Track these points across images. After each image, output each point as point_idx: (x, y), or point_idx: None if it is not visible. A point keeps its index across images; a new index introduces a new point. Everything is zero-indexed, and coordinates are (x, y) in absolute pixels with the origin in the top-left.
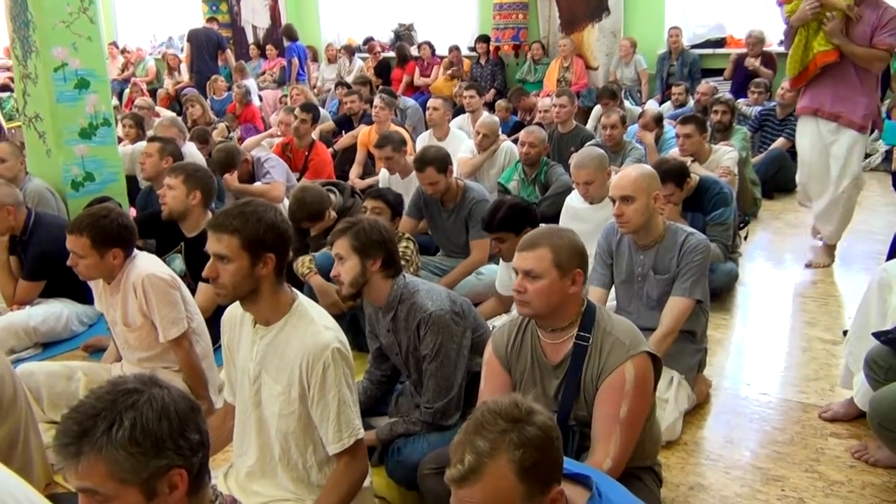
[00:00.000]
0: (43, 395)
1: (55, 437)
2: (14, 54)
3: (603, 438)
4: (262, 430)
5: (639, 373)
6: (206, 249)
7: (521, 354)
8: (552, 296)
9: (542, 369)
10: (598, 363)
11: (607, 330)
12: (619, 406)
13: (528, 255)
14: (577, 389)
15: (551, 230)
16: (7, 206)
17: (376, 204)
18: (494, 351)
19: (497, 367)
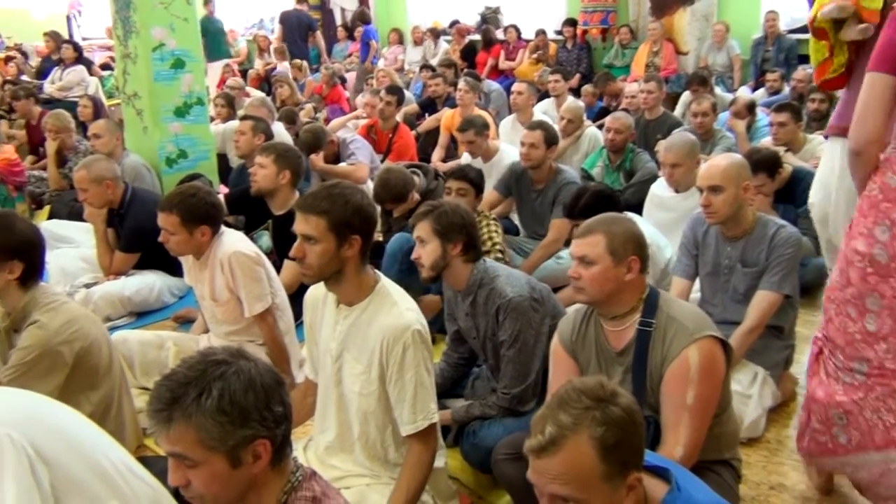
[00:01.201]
0: (135, 362)
1: (148, 402)
2: (116, 34)
3: (672, 426)
4: (343, 409)
5: (704, 357)
6: (294, 229)
7: (586, 343)
8: (606, 282)
9: (607, 357)
10: (662, 349)
11: (671, 315)
12: (685, 392)
13: (582, 242)
14: (642, 377)
15: (609, 217)
16: (106, 180)
17: (461, 185)
18: (560, 340)
19: (563, 355)
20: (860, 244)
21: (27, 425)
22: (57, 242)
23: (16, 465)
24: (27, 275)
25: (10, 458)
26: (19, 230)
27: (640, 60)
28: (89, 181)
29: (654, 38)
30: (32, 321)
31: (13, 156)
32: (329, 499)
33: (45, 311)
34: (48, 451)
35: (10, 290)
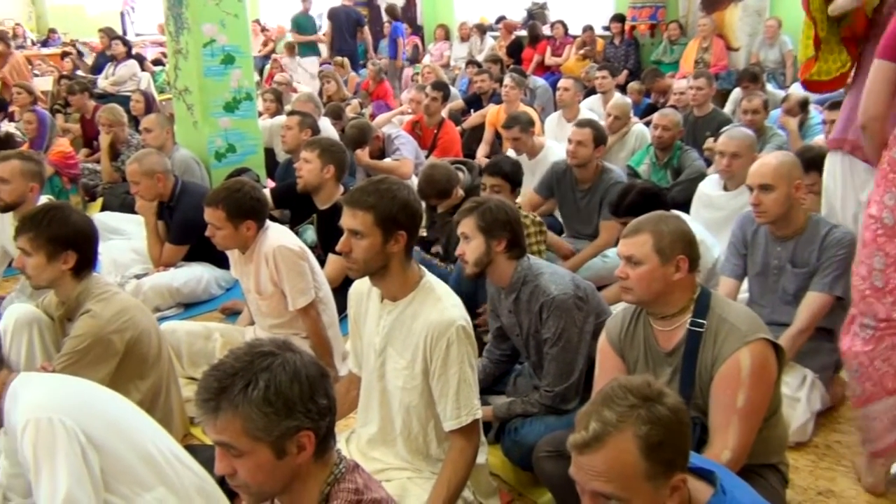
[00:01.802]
0: (183, 353)
1: (196, 391)
2: (168, 31)
3: (720, 429)
4: (385, 402)
5: (756, 360)
6: (341, 224)
7: (634, 342)
8: (654, 282)
9: (655, 357)
10: (712, 350)
11: (723, 316)
12: (735, 395)
13: (629, 241)
14: (691, 378)
15: (657, 216)
16: (157, 173)
17: (495, 181)
18: (608, 338)
19: (611, 354)
20: (873, 209)
21: (79, 412)
22: (109, 234)
23: (68, 450)
24: (81, 265)
25: (62, 443)
26: (74, 222)
27: (690, 56)
28: (141, 174)
29: (703, 34)
30: (85, 310)
31: (68, 149)
32: (371, 491)
33: (98, 300)
34: (99, 437)
35: (65, 280)
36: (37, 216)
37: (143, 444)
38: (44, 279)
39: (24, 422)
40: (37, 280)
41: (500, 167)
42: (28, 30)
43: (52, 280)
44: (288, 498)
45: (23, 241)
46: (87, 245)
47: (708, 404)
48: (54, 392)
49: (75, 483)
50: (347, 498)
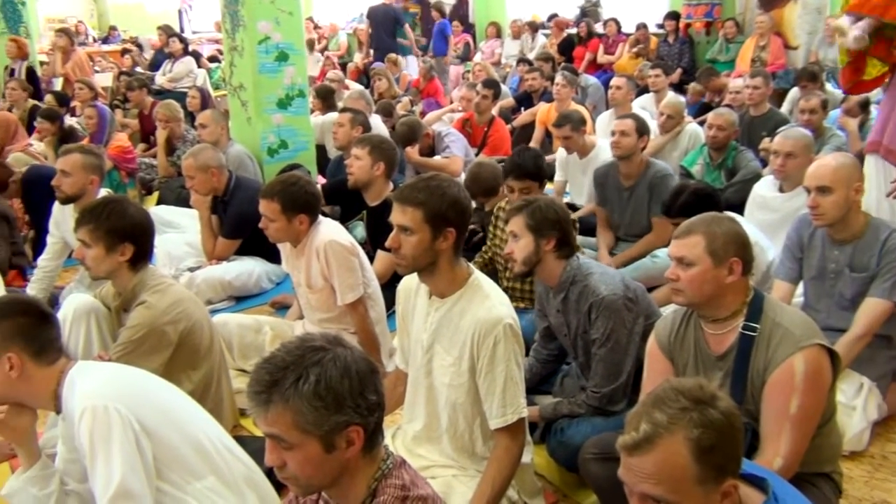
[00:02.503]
0: (234, 345)
1: (249, 384)
2: (224, 28)
3: (772, 436)
4: (432, 399)
5: (810, 366)
6: (390, 220)
7: (685, 345)
8: (705, 284)
9: (706, 361)
10: (765, 355)
11: (777, 321)
12: (788, 401)
13: (680, 242)
14: (743, 382)
15: (709, 217)
16: (212, 168)
17: (523, 184)
18: (657, 340)
19: (659, 356)
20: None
21: (134, 400)
22: (164, 227)
23: (122, 437)
24: (137, 257)
25: (117, 430)
26: (131, 215)
27: (746, 55)
28: (196, 169)
29: (761, 32)
30: (141, 301)
31: (126, 143)
32: (417, 488)
33: (153, 292)
34: (152, 425)
35: (121, 272)
36: (96, 209)
37: (195, 434)
38: (102, 270)
39: (81, 409)
40: (95, 271)
41: (524, 166)
42: (90, 27)
43: (109, 271)
44: (335, 491)
45: (83, 233)
46: (144, 238)
47: (759, 410)
48: (110, 381)
49: (129, 470)
50: (394, 493)
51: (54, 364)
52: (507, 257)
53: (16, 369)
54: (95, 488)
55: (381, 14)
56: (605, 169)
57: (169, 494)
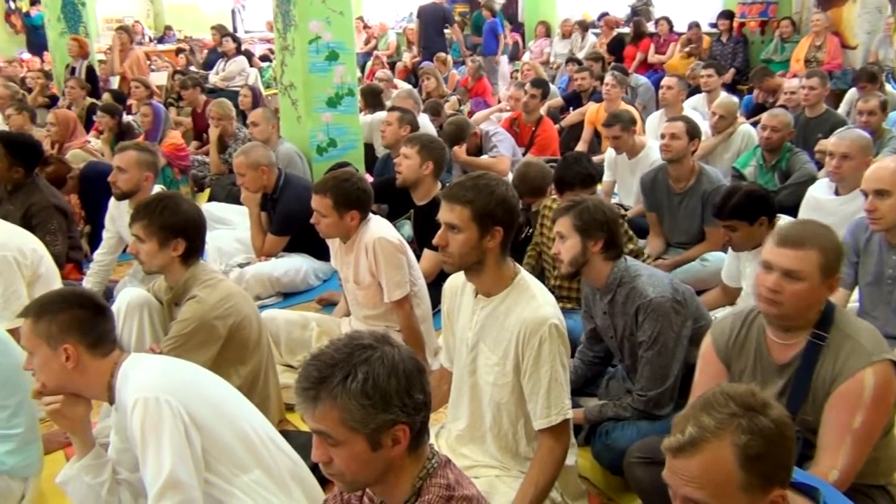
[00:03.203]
0: (281, 340)
1: (297, 380)
2: (276, 28)
3: (831, 448)
4: (476, 398)
5: (880, 382)
6: (438, 218)
7: (744, 350)
8: (809, 300)
9: (766, 368)
10: (832, 367)
11: (847, 333)
12: (853, 416)
13: (793, 254)
14: (805, 392)
15: (815, 227)
16: (262, 166)
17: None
18: (713, 343)
19: (714, 360)
20: None
21: (184, 393)
22: (215, 223)
23: (172, 429)
24: (189, 253)
25: (168, 421)
26: (185, 211)
27: (800, 54)
28: (246, 166)
29: (817, 31)
30: (192, 296)
31: (179, 141)
32: (462, 487)
33: (204, 287)
34: (201, 417)
35: (173, 267)
36: (151, 205)
37: (242, 427)
38: (155, 265)
39: (133, 400)
40: (148, 265)
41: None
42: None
43: (162, 266)
44: (381, 489)
45: (137, 228)
46: (196, 234)
47: (817, 420)
48: (162, 373)
49: (178, 460)
50: (439, 493)
51: (108, 356)
52: (554, 258)
53: (72, 360)
54: (146, 478)
55: (430, 13)
56: (654, 173)
57: (216, 486)
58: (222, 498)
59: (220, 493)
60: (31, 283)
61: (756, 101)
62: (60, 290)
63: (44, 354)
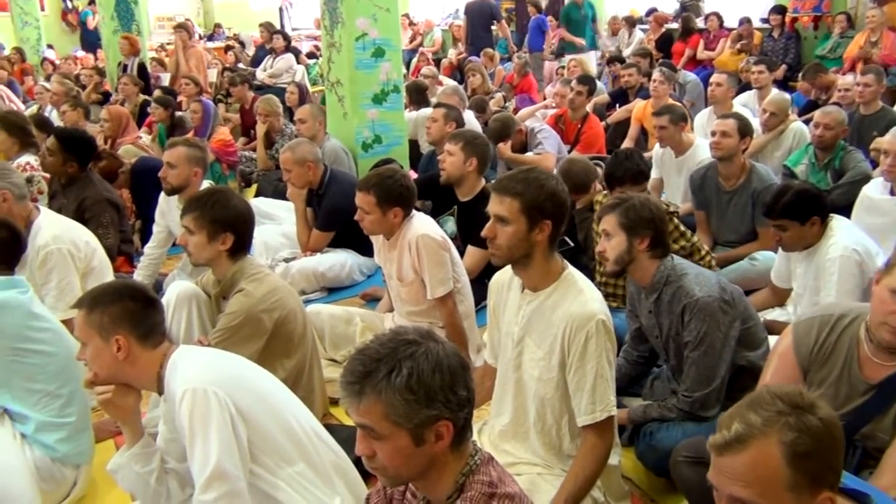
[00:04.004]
0: (326, 335)
1: (342, 374)
2: (323, 25)
3: None
4: (520, 393)
5: None
6: (487, 210)
7: (830, 361)
8: None
9: (853, 384)
10: None
11: None
12: None
13: None
14: (883, 410)
15: None
16: (308, 162)
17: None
18: (795, 346)
19: (792, 363)
20: None
21: (231, 385)
22: (261, 218)
23: (220, 420)
24: (237, 246)
25: (215, 413)
26: (234, 206)
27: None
28: (293, 162)
29: (872, 26)
30: (239, 289)
31: (228, 137)
32: (505, 485)
33: (251, 280)
34: (247, 409)
35: (221, 260)
36: (202, 198)
37: (288, 420)
38: (203, 257)
39: (182, 392)
40: (197, 258)
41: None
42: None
43: (210, 259)
44: (423, 484)
45: (188, 220)
46: (245, 228)
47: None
48: (210, 365)
49: (225, 452)
50: (482, 490)
51: (158, 347)
52: (599, 256)
53: (123, 351)
54: (193, 468)
55: (477, 9)
56: (703, 171)
57: (262, 478)
58: (267, 489)
59: (265, 485)
60: (84, 276)
61: (809, 98)
62: (112, 283)
63: (96, 345)
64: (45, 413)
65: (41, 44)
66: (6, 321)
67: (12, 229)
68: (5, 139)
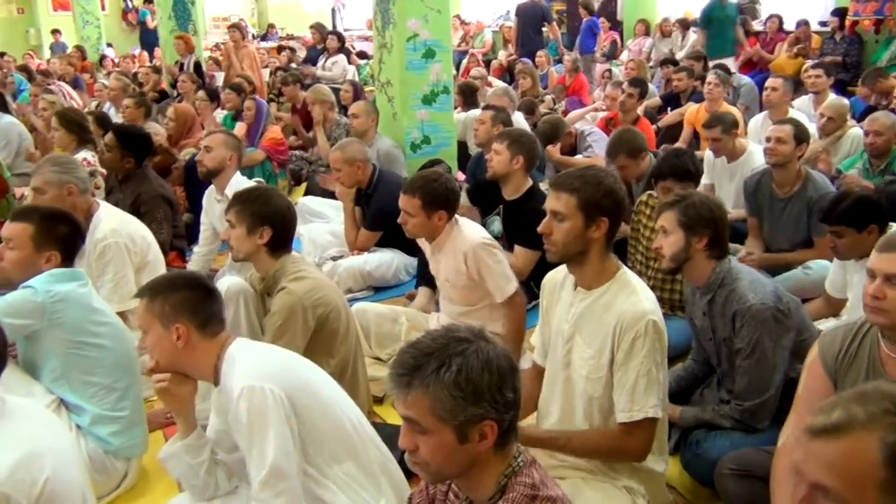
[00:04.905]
0: (371, 333)
1: (392, 365)
2: (375, 26)
3: None
4: (568, 392)
5: None
6: (545, 206)
7: (854, 366)
8: None
9: None
10: None
11: None
12: None
13: None
14: None
15: None
16: (357, 161)
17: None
18: (821, 356)
19: (821, 373)
20: None
21: (287, 382)
22: (311, 216)
23: (277, 419)
24: (276, 243)
25: (272, 411)
26: (274, 203)
27: None
28: (342, 162)
29: None
30: (281, 287)
31: (279, 136)
32: (547, 488)
33: (293, 279)
34: (302, 407)
35: (261, 255)
36: (245, 193)
37: (339, 417)
38: (243, 251)
39: (240, 388)
40: (237, 251)
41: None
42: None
43: (249, 252)
44: (464, 483)
45: (231, 214)
46: (283, 224)
47: None
48: (267, 361)
49: (281, 451)
50: (524, 492)
51: (216, 337)
52: (655, 253)
53: (182, 339)
54: (250, 467)
55: (528, 11)
56: (757, 177)
57: (312, 478)
58: (315, 489)
59: (313, 484)
60: (138, 270)
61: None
62: (174, 273)
63: (157, 333)
64: (100, 406)
65: (101, 42)
66: (68, 314)
67: (73, 223)
68: (64, 135)
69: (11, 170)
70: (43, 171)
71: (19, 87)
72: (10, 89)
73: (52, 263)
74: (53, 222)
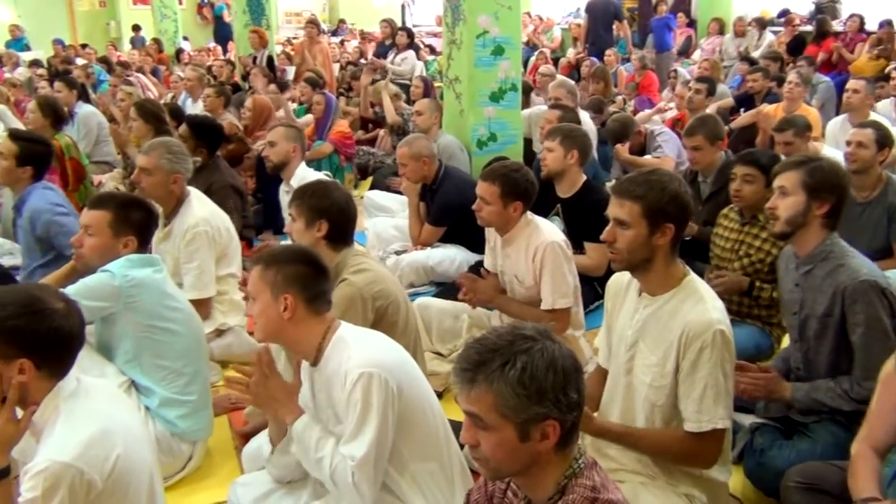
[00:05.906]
0: (433, 328)
1: (457, 360)
2: (445, 22)
3: None
4: (629, 397)
5: None
6: (607, 213)
7: None
8: None
9: None
10: None
11: None
12: None
13: None
14: None
15: None
16: (423, 157)
17: (747, 171)
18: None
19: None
20: None
21: (399, 373)
22: (376, 211)
23: (382, 404)
24: (334, 236)
25: (379, 396)
26: (333, 197)
27: None
28: (409, 157)
29: None
30: (342, 279)
31: (347, 130)
32: (608, 491)
33: (353, 271)
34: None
35: (321, 248)
36: (305, 187)
37: (434, 418)
38: (303, 244)
39: (359, 373)
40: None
41: (756, 157)
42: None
43: (309, 245)
44: (524, 481)
45: (292, 208)
46: (341, 218)
47: None
48: (384, 350)
49: (379, 443)
50: (584, 494)
51: (322, 316)
52: (769, 213)
53: (289, 311)
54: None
55: (600, 8)
56: None
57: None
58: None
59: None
60: (217, 259)
61: None
62: (291, 246)
63: (265, 300)
64: (169, 389)
65: (177, 36)
66: (144, 299)
67: (148, 209)
68: (141, 126)
69: (90, 157)
70: (155, 153)
71: (99, 78)
72: (90, 80)
73: (129, 248)
74: (129, 209)
